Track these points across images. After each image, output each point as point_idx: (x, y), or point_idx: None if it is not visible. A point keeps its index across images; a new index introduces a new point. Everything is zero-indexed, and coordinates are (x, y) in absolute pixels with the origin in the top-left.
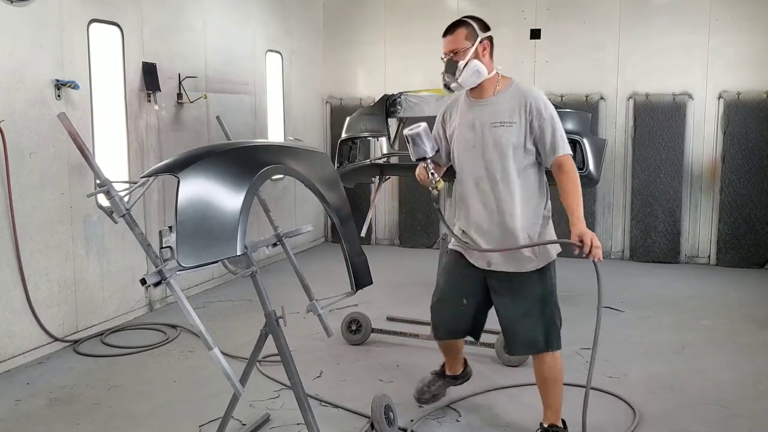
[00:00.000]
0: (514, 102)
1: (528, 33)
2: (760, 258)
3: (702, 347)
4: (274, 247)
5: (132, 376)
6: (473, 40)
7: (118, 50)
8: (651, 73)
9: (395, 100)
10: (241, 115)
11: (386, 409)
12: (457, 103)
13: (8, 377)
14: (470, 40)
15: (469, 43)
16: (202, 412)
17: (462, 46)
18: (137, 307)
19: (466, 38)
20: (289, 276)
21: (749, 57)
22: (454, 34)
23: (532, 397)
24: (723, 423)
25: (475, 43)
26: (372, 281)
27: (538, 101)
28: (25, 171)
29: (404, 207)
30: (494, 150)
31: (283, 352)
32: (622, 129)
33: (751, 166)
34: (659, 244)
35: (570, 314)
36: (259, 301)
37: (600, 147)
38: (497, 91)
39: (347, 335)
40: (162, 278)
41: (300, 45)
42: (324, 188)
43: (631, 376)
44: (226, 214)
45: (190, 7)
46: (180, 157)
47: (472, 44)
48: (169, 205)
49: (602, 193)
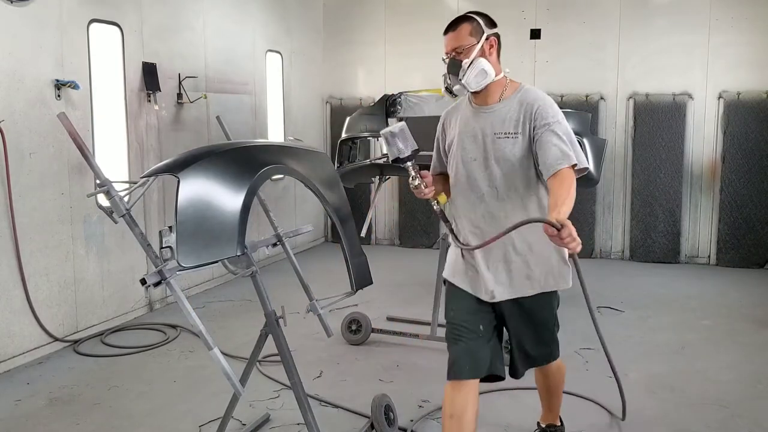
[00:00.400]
0: (521, 110)
1: (528, 33)
2: (760, 258)
3: (702, 347)
4: (274, 247)
5: (132, 376)
6: (479, 37)
7: (118, 50)
8: (651, 73)
9: (395, 100)
10: (241, 115)
11: (386, 409)
12: (458, 109)
13: (8, 377)
14: (475, 37)
15: (474, 40)
16: (202, 412)
17: (466, 43)
18: (137, 307)
19: (470, 34)
20: (289, 276)
21: (749, 57)
22: (457, 30)
23: (532, 397)
24: (723, 423)
25: (481, 40)
26: (372, 281)
27: (545, 107)
28: (25, 171)
29: (404, 207)
30: (499, 164)
31: (283, 352)
32: (622, 129)
33: (751, 166)
34: (659, 244)
35: (570, 314)
36: (259, 301)
37: (600, 147)
38: (504, 97)
39: (347, 335)
40: (162, 278)
41: (300, 45)
42: (324, 188)
43: (631, 376)
44: (226, 214)
45: (190, 7)
46: (180, 157)
47: (478, 41)
48: (169, 205)
49: (602, 193)
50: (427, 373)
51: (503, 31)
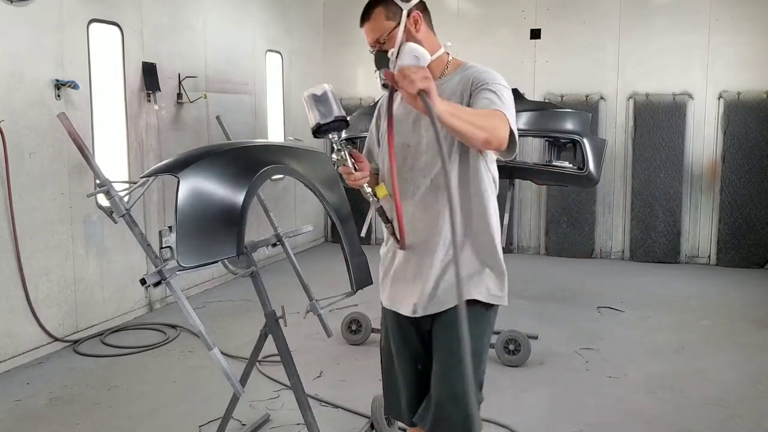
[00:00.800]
0: (460, 83)
1: (528, 33)
2: (760, 258)
3: (702, 347)
4: (274, 247)
5: (132, 376)
6: (398, 17)
7: (118, 50)
8: (651, 73)
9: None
10: (241, 115)
11: None
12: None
13: (8, 377)
14: (394, 19)
15: (393, 23)
16: (202, 412)
17: (385, 30)
18: (137, 307)
19: (387, 18)
20: (289, 276)
21: (749, 57)
22: (371, 18)
23: (532, 397)
24: (723, 423)
25: (402, 20)
26: (372, 281)
27: (485, 73)
28: (25, 171)
29: None
30: (433, 150)
31: (283, 352)
32: (622, 129)
33: (751, 166)
34: (659, 244)
35: (570, 314)
36: (259, 301)
37: (600, 147)
38: (446, 74)
39: (347, 335)
40: (162, 278)
41: (300, 45)
42: (324, 188)
43: (630, 376)
44: (226, 214)
45: (189, 7)
46: (180, 157)
47: (398, 22)
48: (169, 205)
49: (602, 193)
50: None
51: (503, 31)
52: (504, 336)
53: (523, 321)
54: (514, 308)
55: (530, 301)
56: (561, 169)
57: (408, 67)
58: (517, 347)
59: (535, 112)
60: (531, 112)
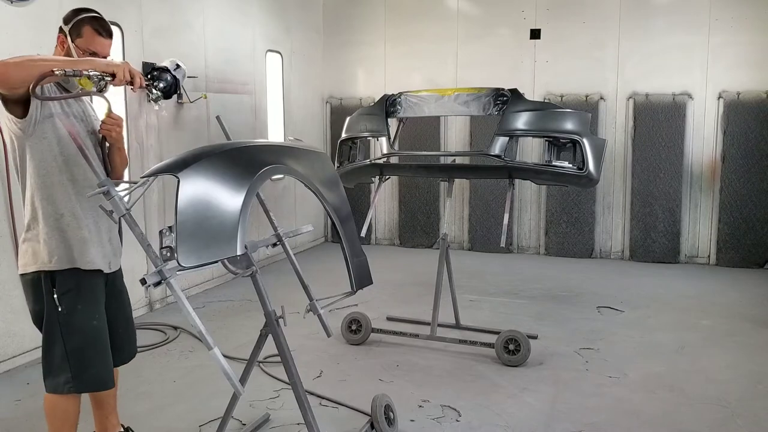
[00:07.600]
0: None
1: (528, 33)
2: (760, 258)
3: (702, 347)
4: (274, 247)
5: (132, 376)
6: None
7: (118, 50)
8: (651, 73)
9: (395, 100)
10: (241, 115)
11: (386, 409)
12: None
13: (8, 377)
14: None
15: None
16: (202, 412)
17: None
18: (137, 307)
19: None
20: (289, 276)
21: (749, 57)
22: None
23: (532, 397)
24: (723, 423)
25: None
26: (372, 281)
27: None
28: None
29: (404, 207)
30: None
31: (283, 352)
32: (622, 129)
33: (751, 166)
34: (659, 244)
35: (570, 314)
36: (259, 301)
37: (600, 147)
38: None
39: (347, 335)
40: (162, 278)
41: (300, 45)
42: (324, 188)
43: (630, 375)
44: (226, 214)
45: (190, 7)
46: (180, 157)
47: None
48: (169, 205)
49: (602, 193)
50: (427, 373)
51: (503, 31)
52: (504, 336)
53: (523, 321)
54: (514, 308)
55: (530, 301)
56: (561, 169)
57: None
58: (516, 347)
59: (535, 112)
60: (531, 112)
